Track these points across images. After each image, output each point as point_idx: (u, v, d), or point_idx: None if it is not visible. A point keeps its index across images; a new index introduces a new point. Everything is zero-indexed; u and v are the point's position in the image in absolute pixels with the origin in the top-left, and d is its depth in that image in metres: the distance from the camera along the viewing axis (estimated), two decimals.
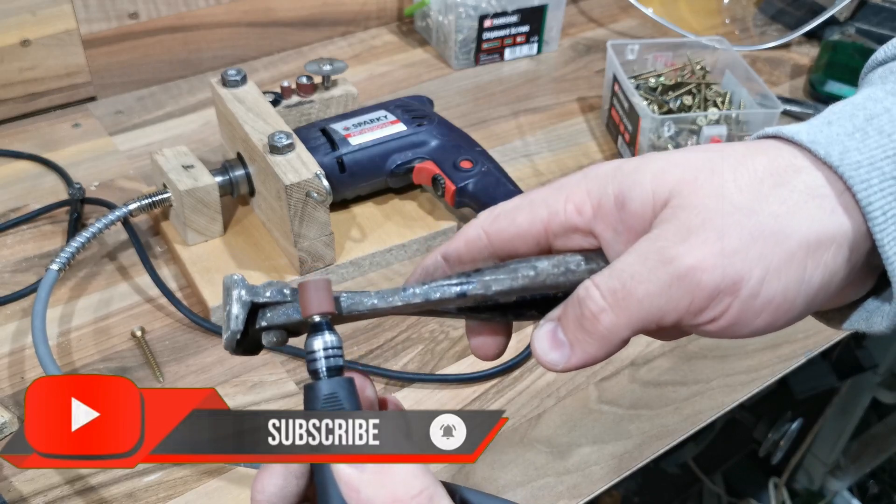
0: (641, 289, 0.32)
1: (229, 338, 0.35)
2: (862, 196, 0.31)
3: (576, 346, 0.33)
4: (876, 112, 0.33)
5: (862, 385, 1.32)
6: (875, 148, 0.31)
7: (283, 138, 0.69)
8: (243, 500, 0.58)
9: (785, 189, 0.32)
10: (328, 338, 0.33)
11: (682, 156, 0.34)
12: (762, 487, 1.41)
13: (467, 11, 1.01)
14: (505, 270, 0.35)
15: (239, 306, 0.35)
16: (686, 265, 0.31)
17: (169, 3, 0.95)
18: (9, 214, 0.80)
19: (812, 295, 0.32)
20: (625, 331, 0.32)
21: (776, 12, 1.19)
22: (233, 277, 0.35)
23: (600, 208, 0.34)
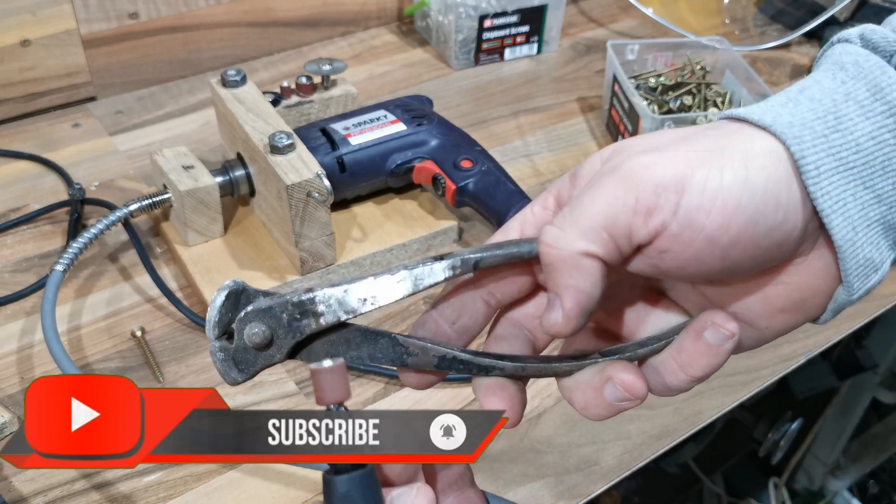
0: (586, 198, 0.33)
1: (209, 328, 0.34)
2: (795, 150, 0.32)
3: (560, 292, 0.33)
4: (807, 85, 0.35)
5: (862, 385, 1.32)
6: (806, 111, 0.33)
7: (283, 138, 0.69)
8: (243, 500, 0.58)
9: (717, 129, 0.34)
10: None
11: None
12: (762, 487, 1.41)
13: (467, 11, 1.01)
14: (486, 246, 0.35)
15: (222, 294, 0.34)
16: (628, 167, 0.32)
17: (169, 3, 0.95)
18: (9, 214, 0.80)
19: (759, 198, 0.31)
20: (580, 242, 0.32)
21: (776, 12, 1.19)
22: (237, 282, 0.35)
23: (559, 194, 0.37)
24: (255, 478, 0.59)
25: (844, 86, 0.33)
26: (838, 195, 0.32)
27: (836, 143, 0.32)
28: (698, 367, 0.35)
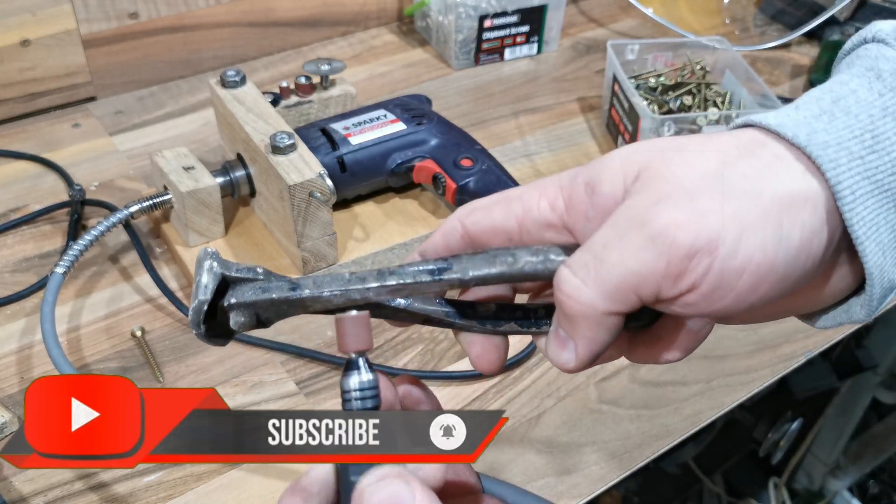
0: (614, 255, 0.31)
1: (196, 308, 0.34)
2: (831, 175, 0.30)
3: (575, 337, 0.33)
4: (842, 94, 0.33)
5: (862, 385, 1.32)
6: (842, 129, 0.31)
7: (285, 138, 0.69)
8: (243, 500, 0.58)
9: (752, 157, 0.32)
10: (364, 377, 0.32)
11: (650, 141, 0.34)
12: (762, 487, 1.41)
13: (467, 11, 1.01)
14: (483, 257, 0.34)
15: (209, 276, 0.34)
16: (660, 224, 0.30)
17: (169, 3, 0.95)
18: (9, 215, 0.80)
19: (793, 255, 0.30)
20: (604, 302, 0.31)
21: (776, 12, 1.19)
22: (206, 250, 0.35)
23: (572, 199, 0.34)
24: (255, 478, 0.59)
25: (882, 98, 0.32)
26: (872, 220, 0.31)
27: (873, 164, 0.31)
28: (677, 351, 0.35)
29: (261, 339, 0.68)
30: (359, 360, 0.32)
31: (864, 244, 0.31)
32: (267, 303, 0.34)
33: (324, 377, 0.66)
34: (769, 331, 0.72)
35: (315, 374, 0.67)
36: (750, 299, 0.31)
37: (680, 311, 0.32)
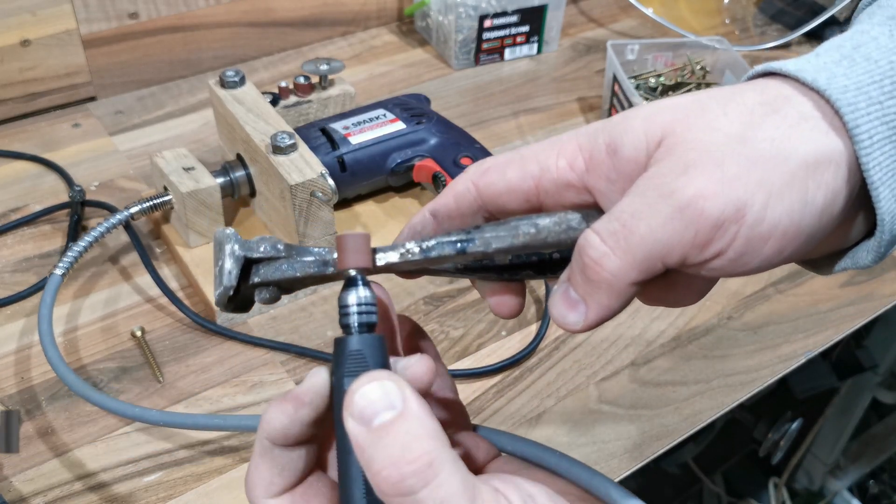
0: (643, 225, 0.31)
1: (221, 293, 0.34)
2: (849, 119, 0.31)
3: (589, 301, 0.33)
4: (863, 41, 0.33)
5: (862, 385, 1.32)
6: (862, 73, 0.31)
7: (285, 138, 0.69)
8: (243, 501, 0.57)
9: (777, 116, 0.31)
10: (362, 293, 0.32)
11: (670, 101, 0.33)
12: (762, 487, 1.41)
13: (467, 11, 1.01)
14: (505, 227, 0.34)
15: (232, 261, 0.34)
16: (688, 196, 0.30)
17: (169, 3, 0.95)
18: (9, 215, 0.80)
19: (817, 217, 0.31)
20: (631, 272, 0.31)
21: (776, 12, 1.19)
22: (225, 231, 0.35)
23: (592, 160, 0.33)
24: None
25: None
26: (889, 165, 0.31)
27: (892, 110, 0.31)
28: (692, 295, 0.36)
29: (261, 339, 0.68)
30: (358, 277, 0.32)
31: (879, 189, 0.31)
32: (291, 280, 0.35)
33: None
34: (769, 331, 0.72)
35: None
36: (774, 262, 0.31)
37: (705, 273, 0.32)
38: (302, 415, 0.32)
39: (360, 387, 0.29)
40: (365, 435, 0.28)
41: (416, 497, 0.28)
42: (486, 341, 0.70)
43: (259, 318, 0.71)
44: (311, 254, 0.35)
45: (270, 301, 0.36)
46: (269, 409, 0.32)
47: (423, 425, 0.29)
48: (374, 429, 0.28)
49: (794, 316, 0.73)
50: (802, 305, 0.74)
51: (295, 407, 0.32)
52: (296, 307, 0.72)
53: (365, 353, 0.31)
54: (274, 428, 0.32)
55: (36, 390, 0.64)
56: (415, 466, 0.28)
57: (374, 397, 0.29)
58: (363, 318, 0.32)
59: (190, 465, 0.60)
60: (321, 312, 0.71)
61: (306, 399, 0.32)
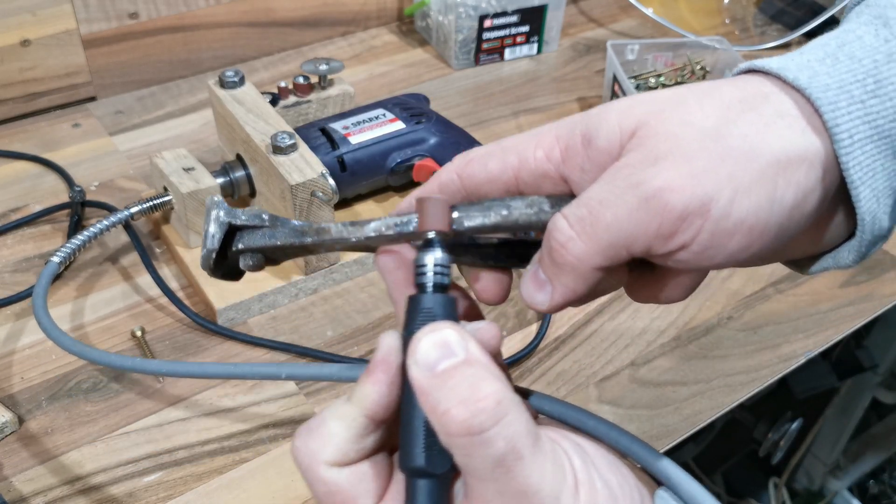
0: (609, 213, 0.31)
1: (205, 255, 0.36)
2: (829, 118, 0.30)
3: (555, 282, 0.33)
4: (847, 40, 0.33)
5: (862, 385, 1.32)
6: (845, 72, 0.31)
7: (286, 138, 0.69)
8: (243, 501, 0.58)
9: (753, 113, 0.31)
10: (439, 254, 0.33)
11: (649, 94, 0.34)
12: (762, 487, 1.41)
13: (467, 11, 1.01)
14: (478, 207, 0.35)
15: (216, 226, 0.36)
16: (654, 187, 0.30)
17: (169, 3, 0.95)
18: (9, 215, 0.80)
19: (786, 215, 0.31)
20: (595, 257, 0.32)
21: (776, 12, 1.19)
22: (213, 198, 0.37)
23: (568, 150, 0.34)
24: (255, 478, 0.59)
25: (888, 44, 0.32)
26: (869, 165, 0.31)
27: (874, 109, 0.31)
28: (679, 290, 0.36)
29: (261, 339, 0.68)
30: (436, 239, 0.33)
31: (859, 189, 0.31)
32: (273, 248, 0.36)
33: None
34: (769, 331, 0.72)
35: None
36: (741, 257, 0.31)
37: (672, 265, 0.32)
38: (395, 377, 0.32)
39: (425, 335, 0.30)
40: (429, 379, 0.29)
41: (485, 435, 0.28)
42: None
43: (259, 318, 0.71)
44: (293, 225, 0.37)
45: (254, 268, 0.37)
46: (360, 387, 0.32)
47: (488, 370, 0.29)
48: (438, 373, 0.29)
49: (794, 316, 0.73)
50: (802, 305, 0.74)
51: (386, 371, 0.32)
52: (296, 307, 0.72)
53: (436, 311, 0.32)
54: (373, 401, 0.32)
55: (36, 390, 0.64)
56: (485, 403, 0.28)
57: (439, 344, 0.29)
58: (437, 279, 0.33)
59: (190, 465, 0.60)
60: (321, 312, 0.71)
61: (392, 359, 0.32)
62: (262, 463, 0.60)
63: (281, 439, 0.62)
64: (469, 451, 0.28)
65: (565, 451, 0.31)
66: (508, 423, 0.28)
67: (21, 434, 0.61)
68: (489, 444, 0.28)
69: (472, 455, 0.28)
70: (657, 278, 0.36)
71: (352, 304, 0.72)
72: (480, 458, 0.28)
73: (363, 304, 0.72)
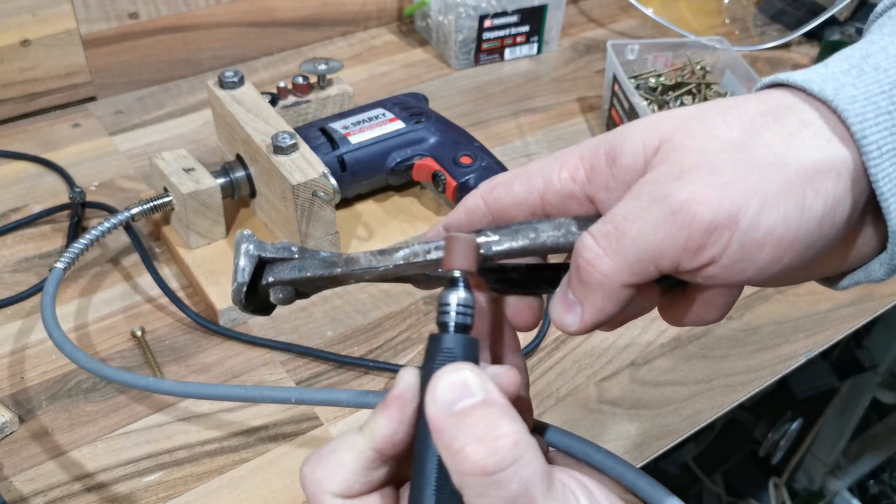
0: (635, 227, 0.31)
1: (236, 289, 0.36)
2: (857, 129, 0.30)
3: (584, 303, 0.33)
4: (872, 51, 0.32)
5: (862, 385, 1.32)
6: (870, 83, 0.31)
7: (286, 138, 0.69)
8: (243, 500, 0.58)
9: (777, 124, 0.31)
10: (463, 294, 0.32)
11: (673, 111, 0.34)
12: (762, 487, 1.41)
13: (467, 11, 1.01)
14: (505, 231, 0.34)
15: (246, 259, 0.36)
16: (680, 200, 0.30)
17: (169, 3, 0.95)
18: (9, 215, 0.80)
19: (815, 225, 0.30)
20: (623, 273, 0.31)
21: (776, 12, 1.19)
22: (243, 233, 0.37)
23: (593, 170, 0.34)
24: (255, 478, 0.59)
25: None
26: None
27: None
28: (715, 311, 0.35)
29: (261, 338, 0.68)
30: (461, 278, 0.33)
31: (889, 201, 0.30)
32: (303, 280, 0.36)
33: (324, 377, 0.66)
34: (769, 331, 0.72)
35: (315, 374, 0.67)
36: (772, 270, 0.31)
37: (701, 282, 0.32)
38: (408, 414, 0.32)
39: (444, 374, 0.29)
40: (446, 417, 0.29)
41: (499, 476, 0.27)
42: None
43: (259, 318, 0.71)
44: (322, 256, 0.37)
45: (285, 301, 0.37)
46: (373, 419, 0.32)
47: (505, 411, 0.29)
48: (455, 412, 0.29)
49: (794, 316, 0.73)
50: (802, 305, 0.74)
51: (399, 408, 0.32)
52: (296, 307, 0.72)
53: (456, 351, 0.32)
54: (383, 436, 0.32)
55: (36, 390, 0.64)
56: (501, 443, 0.28)
57: (458, 384, 0.29)
58: (460, 319, 0.32)
59: (190, 465, 0.60)
60: (321, 312, 0.71)
61: (408, 397, 0.32)
62: (262, 463, 0.60)
63: (281, 439, 0.62)
64: (482, 492, 0.28)
65: (573, 492, 0.30)
66: (524, 464, 0.28)
67: (21, 434, 0.61)
68: (503, 486, 0.28)
69: (485, 496, 0.28)
70: (690, 298, 0.35)
71: (352, 304, 0.72)
72: (493, 500, 0.28)
73: (363, 304, 0.72)
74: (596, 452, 0.36)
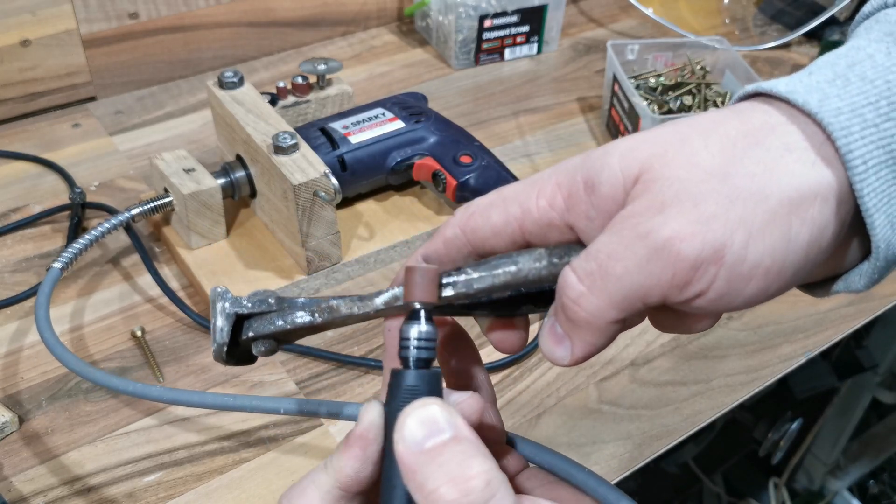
0: (619, 266, 0.30)
1: (217, 350, 0.36)
2: (842, 144, 0.29)
3: (573, 338, 0.33)
4: (858, 59, 0.31)
5: (862, 385, 1.32)
6: (856, 94, 0.30)
7: (287, 138, 0.69)
8: (243, 500, 0.58)
9: (760, 149, 0.30)
10: (424, 328, 0.32)
11: (651, 133, 0.32)
12: (762, 487, 1.41)
13: (467, 11, 1.01)
14: (486, 267, 0.34)
15: (223, 319, 0.35)
16: (663, 237, 0.29)
17: (169, 3, 0.95)
18: (9, 215, 0.80)
19: (802, 254, 0.30)
20: (610, 311, 0.31)
21: (776, 12, 1.19)
22: (216, 290, 0.36)
23: (571, 198, 0.33)
24: (255, 478, 0.59)
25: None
26: (885, 191, 0.30)
27: (888, 132, 0.30)
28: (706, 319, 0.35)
29: None
30: (421, 311, 0.33)
31: (874, 216, 0.30)
32: (284, 332, 0.36)
33: (324, 377, 0.66)
34: (769, 331, 0.72)
35: (315, 374, 0.67)
36: (761, 298, 0.31)
37: (689, 311, 0.32)
38: (371, 453, 0.32)
39: (412, 412, 0.29)
40: (416, 456, 0.28)
41: None
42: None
43: None
44: (301, 306, 0.36)
45: (268, 353, 0.36)
46: (337, 457, 0.32)
47: (476, 447, 0.29)
48: (426, 450, 0.28)
49: (794, 316, 0.73)
50: (802, 305, 0.74)
51: (362, 447, 0.32)
52: None
53: (420, 387, 0.31)
54: (347, 475, 0.32)
55: (36, 390, 0.64)
56: (474, 483, 0.27)
57: (426, 421, 0.29)
58: (422, 353, 0.32)
59: (190, 465, 0.60)
60: None
61: (371, 436, 0.32)
62: (262, 463, 0.60)
63: (281, 439, 0.62)
64: None
65: None
66: (497, 502, 0.28)
67: (21, 434, 0.61)
68: None
69: None
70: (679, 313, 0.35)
71: None
72: None
73: None
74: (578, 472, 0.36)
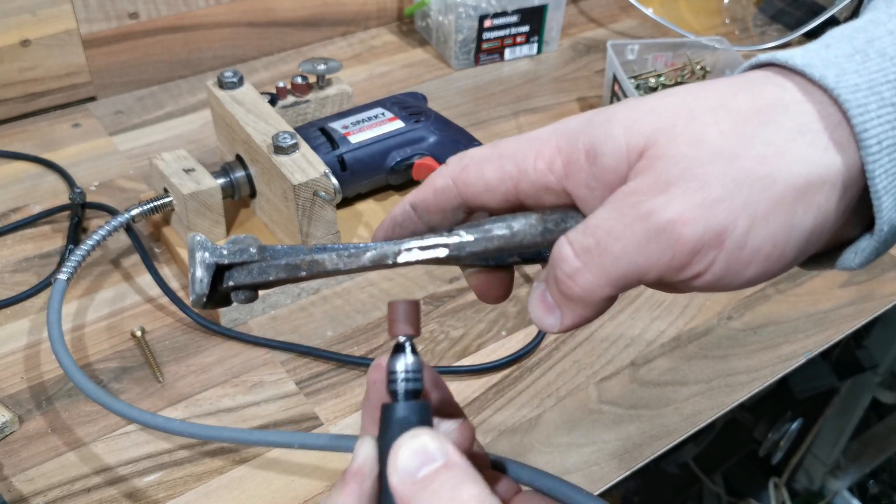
0: (618, 246, 0.30)
1: (195, 300, 0.36)
2: (857, 122, 0.28)
3: (563, 309, 0.33)
4: (878, 34, 0.30)
5: (862, 385, 1.32)
6: (875, 71, 0.29)
7: (287, 138, 0.69)
8: (243, 501, 0.58)
9: (771, 128, 0.29)
10: (410, 360, 0.33)
11: (658, 101, 0.31)
12: (762, 487, 1.41)
13: (467, 11, 1.01)
14: (479, 231, 0.33)
15: (203, 269, 0.35)
16: (665, 219, 0.29)
17: (169, 3, 0.95)
18: (9, 215, 0.80)
19: (804, 240, 0.30)
20: (604, 289, 0.31)
21: (776, 12, 1.19)
22: (195, 238, 0.36)
23: (571, 165, 0.32)
24: (255, 478, 0.59)
25: None
26: (895, 172, 0.29)
27: None
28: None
29: (261, 338, 0.68)
30: (406, 343, 0.33)
31: (882, 199, 0.29)
32: (265, 283, 0.36)
33: (324, 377, 0.66)
34: (769, 331, 0.72)
35: (315, 374, 0.67)
36: (758, 281, 0.31)
37: (684, 290, 0.32)
38: (367, 488, 0.32)
39: (403, 444, 0.30)
40: (410, 486, 0.29)
41: None
42: (486, 341, 0.70)
43: (259, 319, 0.71)
44: (283, 255, 0.36)
45: (247, 301, 0.37)
46: (335, 495, 0.32)
47: (467, 473, 0.29)
48: (418, 480, 0.29)
49: (794, 316, 0.73)
50: (802, 305, 0.74)
51: (359, 483, 0.32)
52: (296, 307, 0.72)
53: (410, 418, 0.32)
54: None
55: (36, 390, 0.64)
56: None
57: (418, 451, 0.29)
58: (410, 385, 0.32)
59: (190, 465, 0.60)
60: (321, 312, 0.71)
61: (366, 471, 0.32)
62: (262, 463, 0.60)
63: None
64: None
65: None
66: None
67: (21, 434, 0.61)
68: None
69: None
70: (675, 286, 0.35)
71: (352, 304, 0.72)
72: None
73: (363, 304, 0.72)
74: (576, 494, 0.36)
